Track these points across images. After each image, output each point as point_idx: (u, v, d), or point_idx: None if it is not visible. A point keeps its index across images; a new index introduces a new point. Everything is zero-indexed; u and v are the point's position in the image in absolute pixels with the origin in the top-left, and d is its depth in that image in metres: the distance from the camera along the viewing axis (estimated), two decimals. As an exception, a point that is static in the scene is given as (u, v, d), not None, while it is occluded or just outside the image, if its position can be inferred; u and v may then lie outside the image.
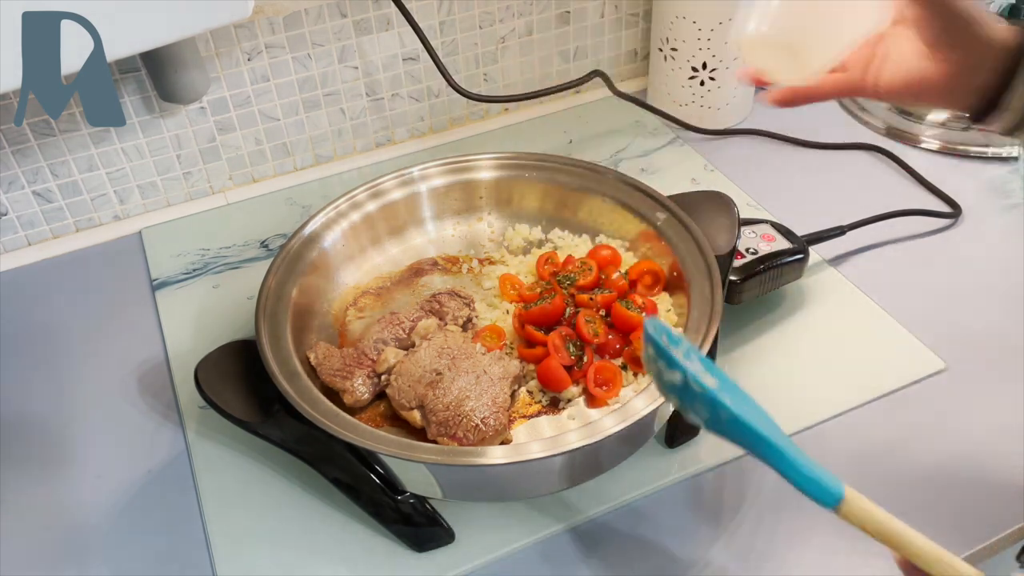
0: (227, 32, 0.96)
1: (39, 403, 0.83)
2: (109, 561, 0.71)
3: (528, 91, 1.10)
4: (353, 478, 0.69)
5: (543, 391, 0.74)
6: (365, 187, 0.87)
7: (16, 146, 0.93)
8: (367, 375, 0.74)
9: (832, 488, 0.49)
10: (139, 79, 0.95)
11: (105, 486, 0.76)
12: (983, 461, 0.74)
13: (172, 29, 0.66)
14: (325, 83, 1.04)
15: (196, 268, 0.96)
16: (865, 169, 1.08)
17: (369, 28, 1.02)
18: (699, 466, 0.75)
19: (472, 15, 1.07)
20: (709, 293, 0.74)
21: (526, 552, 0.70)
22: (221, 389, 0.72)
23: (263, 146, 1.06)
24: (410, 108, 1.11)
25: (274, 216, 1.03)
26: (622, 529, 0.71)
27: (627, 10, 1.16)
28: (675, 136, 1.13)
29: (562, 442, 0.63)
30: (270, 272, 0.78)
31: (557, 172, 0.89)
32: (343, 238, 0.85)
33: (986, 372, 0.82)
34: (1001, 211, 1.00)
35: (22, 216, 0.98)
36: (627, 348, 0.75)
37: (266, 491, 0.75)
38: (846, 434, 0.77)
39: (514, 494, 0.71)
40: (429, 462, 0.64)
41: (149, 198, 1.04)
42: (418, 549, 0.70)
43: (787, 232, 0.88)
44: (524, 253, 0.88)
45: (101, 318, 0.92)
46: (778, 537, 0.70)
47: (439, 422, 0.69)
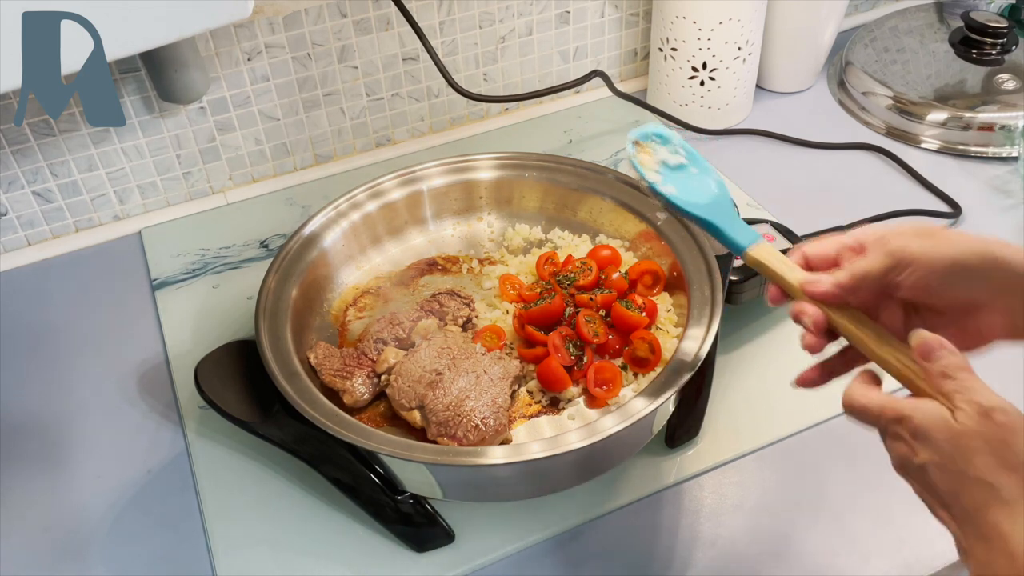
0: (227, 32, 0.96)
1: (39, 403, 0.83)
2: (109, 561, 0.71)
3: (528, 91, 1.10)
4: (353, 478, 0.69)
5: (543, 391, 0.74)
6: (365, 187, 0.87)
7: (16, 146, 0.93)
8: (367, 375, 0.74)
9: (743, 243, 0.60)
10: (139, 79, 0.95)
11: (105, 486, 0.76)
12: (983, 461, 0.74)
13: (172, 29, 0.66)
14: (325, 83, 1.04)
15: (196, 268, 0.96)
16: (865, 169, 1.08)
17: (369, 28, 1.02)
18: (699, 466, 0.75)
19: (472, 15, 1.07)
20: (709, 293, 0.74)
21: (526, 552, 0.70)
22: (221, 389, 0.72)
23: (263, 146, 1.06)
24: (410, 108, 1.11)
25: (274, 216, 1.03)
26: (622, 529, 0.71)
27: (627, 10, 1.16)
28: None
29: (562, 442, 0.63)
30: (270, 272, 0.78)
31: (557, 172, 0.89)
32: (343, 238, 0.85)
33: (986, 372, 0.81)
34: (1001, 211, 1.00)
35: (22, 216, 0.98)
36: (627, 348, 0.75)
37: (266, 491, 0.75)
38: (846, 434, 0.77)
39: (514, 494, 0.71)
40: (429, 462, 0.64)
41: (149, 198, 1.04)
42: (418, 549, 0.70)
43: (787, 232, 0.88)
44: (524, 253, 0.88)
45: (101, 318, 0.92)
46: (778, 537, 0.70)
47: (439, 422, 0.69)
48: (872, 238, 0.54)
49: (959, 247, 0.52)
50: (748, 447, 0.76)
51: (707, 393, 0.76)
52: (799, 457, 0.76)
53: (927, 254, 0.52)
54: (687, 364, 0.68)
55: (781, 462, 0.75)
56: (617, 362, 0.75)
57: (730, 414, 0.79)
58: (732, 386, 0.81)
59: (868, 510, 0.72)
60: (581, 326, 0.74)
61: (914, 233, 0.53)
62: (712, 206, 0.63)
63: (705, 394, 0.76)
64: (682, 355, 0.70)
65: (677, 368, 0.68)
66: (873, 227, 0.56)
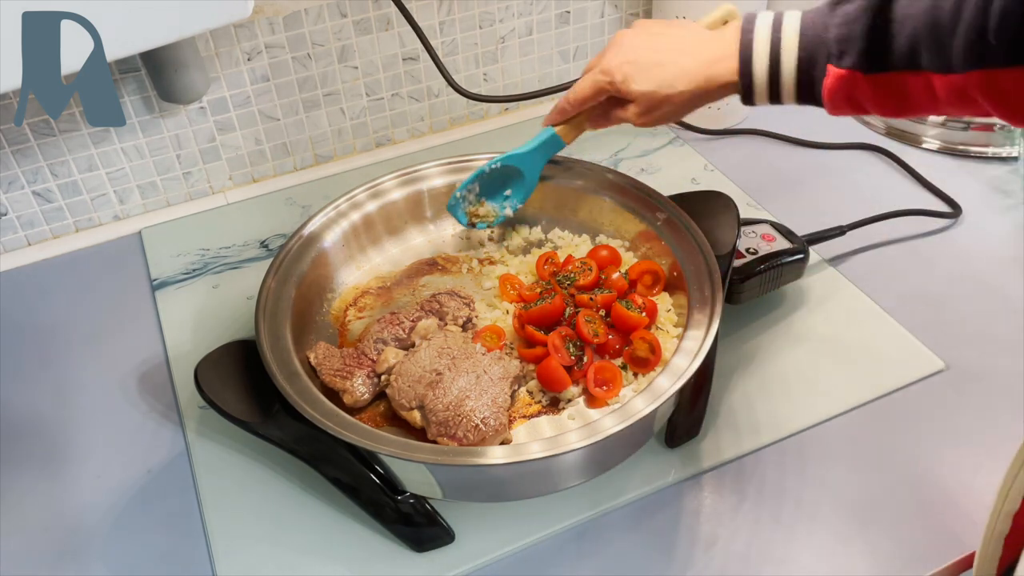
0: (227, 32, 0.96)
1: (39, 403, 0.83)
2: (109, 561, 0.71)
3: (528, 91, 1.09)
4: (353, 478, 0.69)
5: (543, 391, 0.74)
6: (365, 187, 0.87)
7: (16, 146, 0.93)
8: (367, 375, 0.74)
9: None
10: (139, 79, 0.95)
11: (105, 486, 0.76)
12: (983, 461, 0.74)
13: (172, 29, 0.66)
14: (325, 83, 1.04)
15: (196, 268, 0.96)
16: (865, 169, 1.08)
17: (369, 28, 1.02)
18: (699, 466, 0.75)
19: (472, 15, 1.07)
20: (709, 293, 0.74)
21: (526, 552, 0.70)
22: (221, 389, 0.72)
23: (263, 146, 1.06)
24: (410, 108, 1.11)
25: (274, 216, 1.03)
26: (622, 529, 0.71)
27: (627, 10, 1.16)
28: (675, 136, 1.13)
29: (562, 442, 0.63)
30: (270, 272, 0.78)
31: (557, 172, 0.89)
32: (343, 238, 0.85)
33: (986, 372, 0.82)
34: (1001, 211, 1.00)
35: (22, 216, 0.98)
36: (627, 348, 0.75)
37: (266, 491, 0.75)
38: (846, 434, 0.77)
39: (514, 494, 0.71)
40: (429, 462, 0.64)
41: (149, 198, 1.04)
42: (418, 549, 0.70)
43: (787, 232, 0.88)
44: (524, 253, 0.88)
45: (101, 318, 0.92)
46: (778, 537, 0.70)
47: (439, 422, 0.69)
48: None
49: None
50: (748, 447, 0.76)
51: (707, 393, 0.76)
52: (799, 457, 0.76)
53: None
54: (687, 364, 0.68)
55: (781, 462, 0.75)
56: (617, 362, 0.75)
57: (730, 414, 0.79)
58: (732, 386, 0.81)
59: (868, 510, 0.72)
60: (581, 326, 0.74)
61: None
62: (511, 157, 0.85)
63: (705, 394, 0.76)
64: (682, 355, 0.70)
65: (677, 368, 0.68)
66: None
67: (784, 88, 0.67)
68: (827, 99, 0.65)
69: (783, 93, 0.68)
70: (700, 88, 0.71)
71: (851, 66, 0.62)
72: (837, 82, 0.64)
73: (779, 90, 0.68)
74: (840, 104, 0.65)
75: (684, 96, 0.71)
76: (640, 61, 0.72)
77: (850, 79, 0.63)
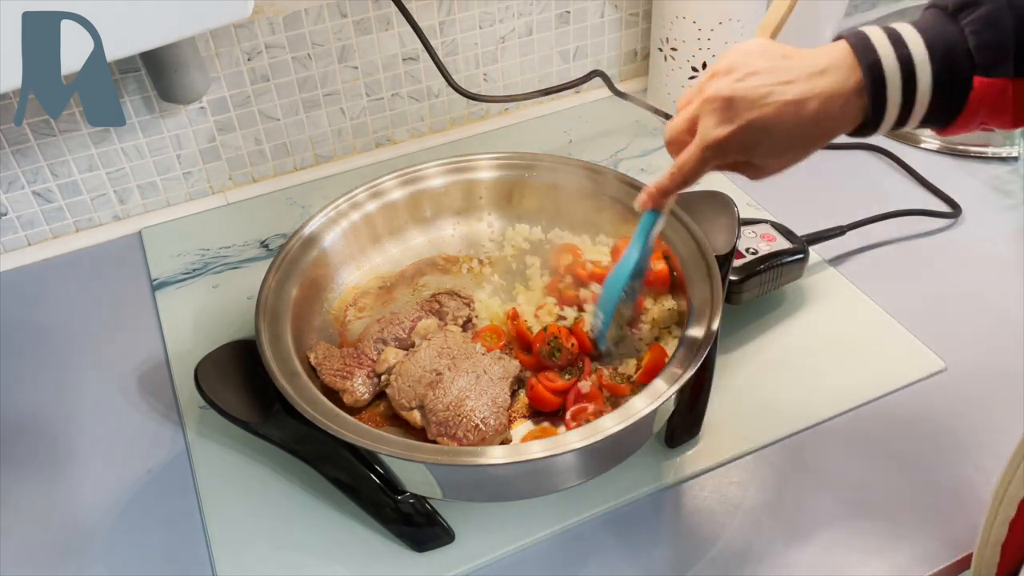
0: (227, 32, 0.96)
1: (39, 403, 0.83)
2: (109, 561, 0.71)
3: (528, 91, 1.10)
4: (353, 478, 0.69)
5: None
6: (365, 187, 0.87)
7: (16, 146, 0.93)
8: (367, 375, 0.74)
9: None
10: (139, 79, 0.95)
11: (105, 486, 0.76)
12: (983, 461, 0.74)
13: (172, 29, 0.66)
14: (325, 83, 1.04)
15: (196, 268, 0.96)
16: (865, 169, 1.08)
17: (369, 28, 1.02)
18: (699, 466, 0.75)
19: (472, 15, 1.07)
20: (709, 293, 0.74)
21: (526, 552, 0.70)
22: (221, 389, 0.72)
23: (263, 146, 1.06)
24: (410, 108, 1.11)
25: (274, 216, 1.03)
26: (622, 529, 0.71)
27: (627, 10, 1.16)
28: (675, 136, 1.13)
29: (562, 442, 0.63)
30: (270, 272, 0.78)
31: (557, 172, 0.89)
32: (343, 238, 0.85)
33: (986, 372, 0.82)
34: (1001, 211, 1.00)
35: (22, 216, 0.98)
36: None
37: (266, 491, 0.75)
38: (846, 434, 0.77)
39: (514, 494, 0.71)
40: (429, 462, 0.64)
41: (149, 198, 1.04)
42: (418, 549, 0.70)
43: (787, 232, 0.88)
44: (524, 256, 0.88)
45: (101, 318, 0.92)
46: (777, 537, 0.70)
47: (439, 422, 0.69)
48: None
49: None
50: (748, 447, 0.76)
51: (707, 393, 0.76)
52: (799, 457, 0.76)
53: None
54: (687, 364, 0.68)
55: (781, 462, 0.75)
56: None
57: (730, 414, 0.79)
58: (732, 386, 0.81)
59: (868, 510, 0.72)
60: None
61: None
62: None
63: (705, 394, 0.76)
64: (682, 355, 0.70)
65: (677, 368, 0.68)
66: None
67: (916, 109, 0.57)
68: (967, 114, 0.57)
69: (913, 115, 0.58)
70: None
71: (1005, 74, 0.54)
72: (987, 94, 0.55)
73: (909, 113, 0.57)
74: (971, 120, 0.57)
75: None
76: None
77: (1002, 88, 0.55)
